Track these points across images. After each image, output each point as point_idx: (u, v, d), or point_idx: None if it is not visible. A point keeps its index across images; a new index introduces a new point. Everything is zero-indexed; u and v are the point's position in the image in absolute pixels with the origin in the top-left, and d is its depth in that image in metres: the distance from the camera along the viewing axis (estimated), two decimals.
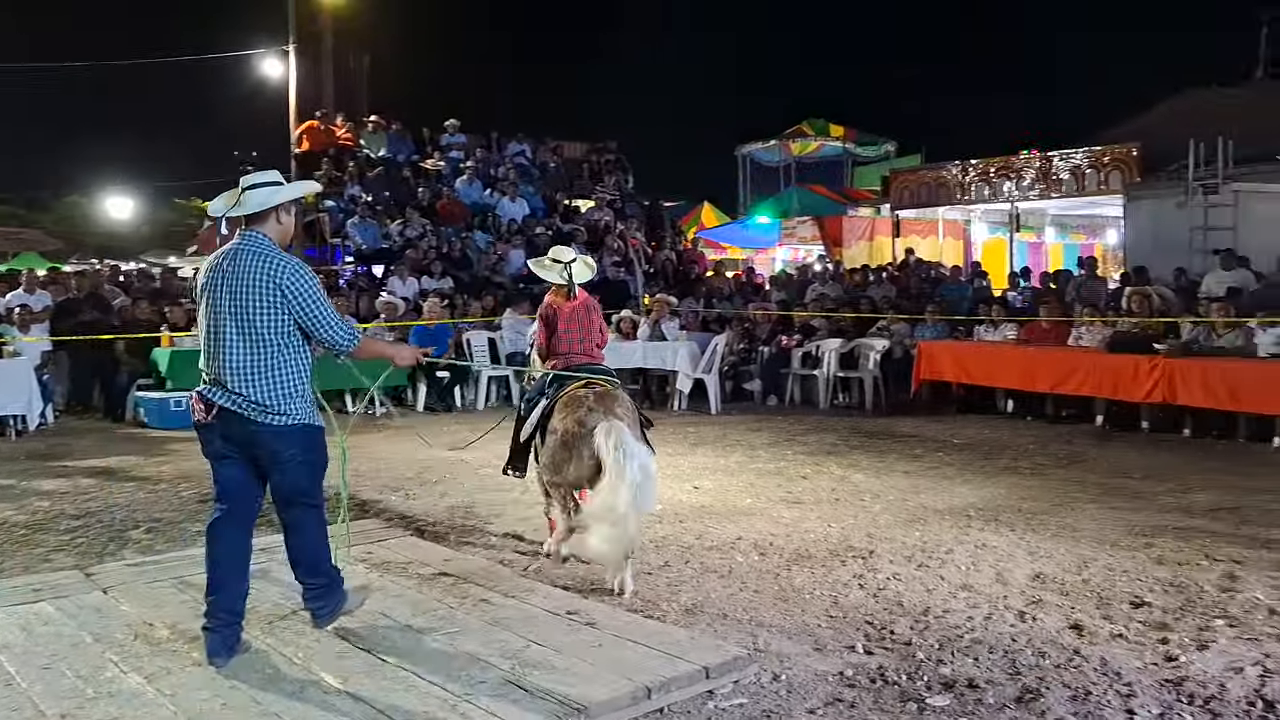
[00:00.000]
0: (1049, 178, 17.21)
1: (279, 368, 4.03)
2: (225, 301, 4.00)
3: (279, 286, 3.98)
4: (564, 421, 5.22)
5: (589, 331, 5.85)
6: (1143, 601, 4.91)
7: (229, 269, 4.03)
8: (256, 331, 3.99)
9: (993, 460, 8.69)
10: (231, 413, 4.00)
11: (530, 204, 18.25)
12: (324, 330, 4.08)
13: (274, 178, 4.26)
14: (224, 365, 4.01)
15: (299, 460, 4.09)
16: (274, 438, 4.03)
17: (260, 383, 4.00)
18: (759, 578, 5.35)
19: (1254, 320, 10.04)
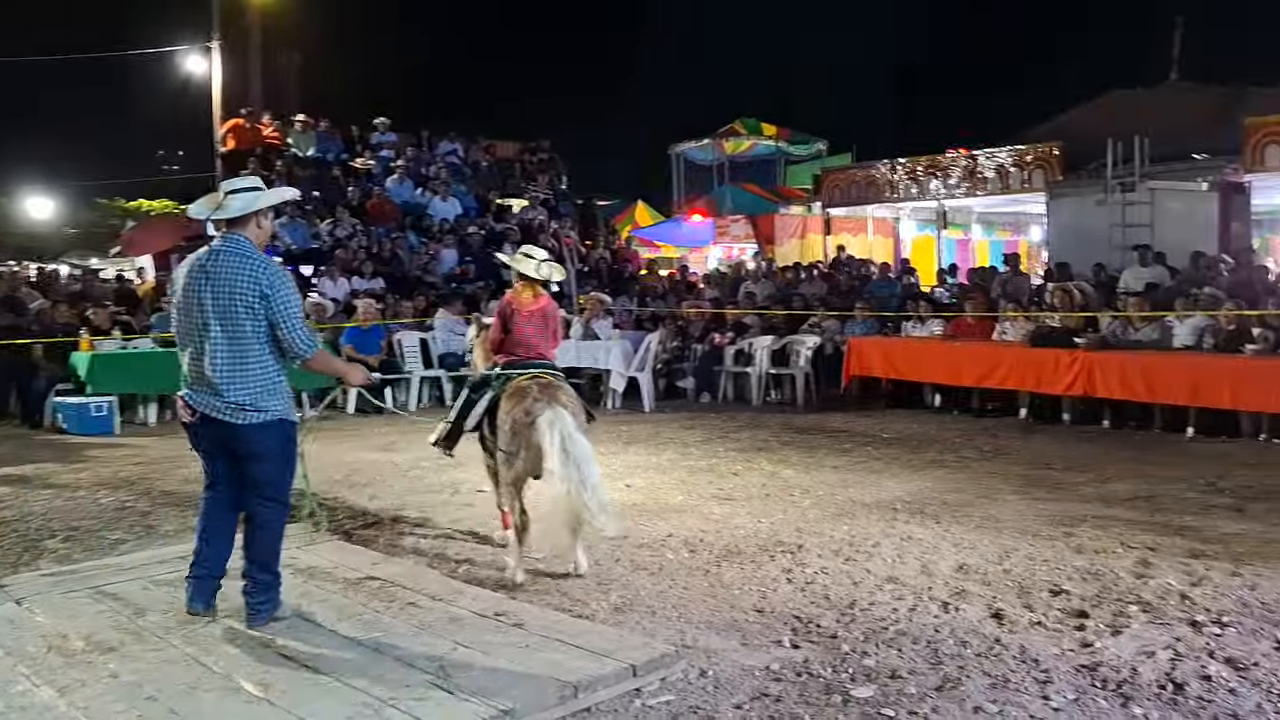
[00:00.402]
0: (975, 176, 17.56)
1: (258, 365, 4.23)
2: (209, 302, 4.18)
3: (260, 288, 4.17)
4: (512, 413, 5.33)
5: (544, 333, 5.93)
6: (1061, 589, 5.03)
7: (212, 270, 4.21)
8: (239, 330, 4.18)
9: (919, 454, 8.84)
10: (211, 417, 4.24)
11: (462, 203, 18.11)
12: (290, 333, 4.25)
13: (255, 183, 4.48)
14: (207, 364, 4.19)
15: (275, 454, 4.34)
16: (254, 433, 4.26)
17: (241, 382, 4.20)
18: (689, 574, 5.38)
19: (1169, 314, 10.35)
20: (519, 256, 6.10)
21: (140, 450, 9.64)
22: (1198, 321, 10.06)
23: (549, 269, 6.08)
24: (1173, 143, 15.34)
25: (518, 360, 5.75)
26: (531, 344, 5.84)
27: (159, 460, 9.06)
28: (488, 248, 16.97)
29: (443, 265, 16.21)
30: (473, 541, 6.11)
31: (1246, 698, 3.72)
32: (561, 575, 5.35)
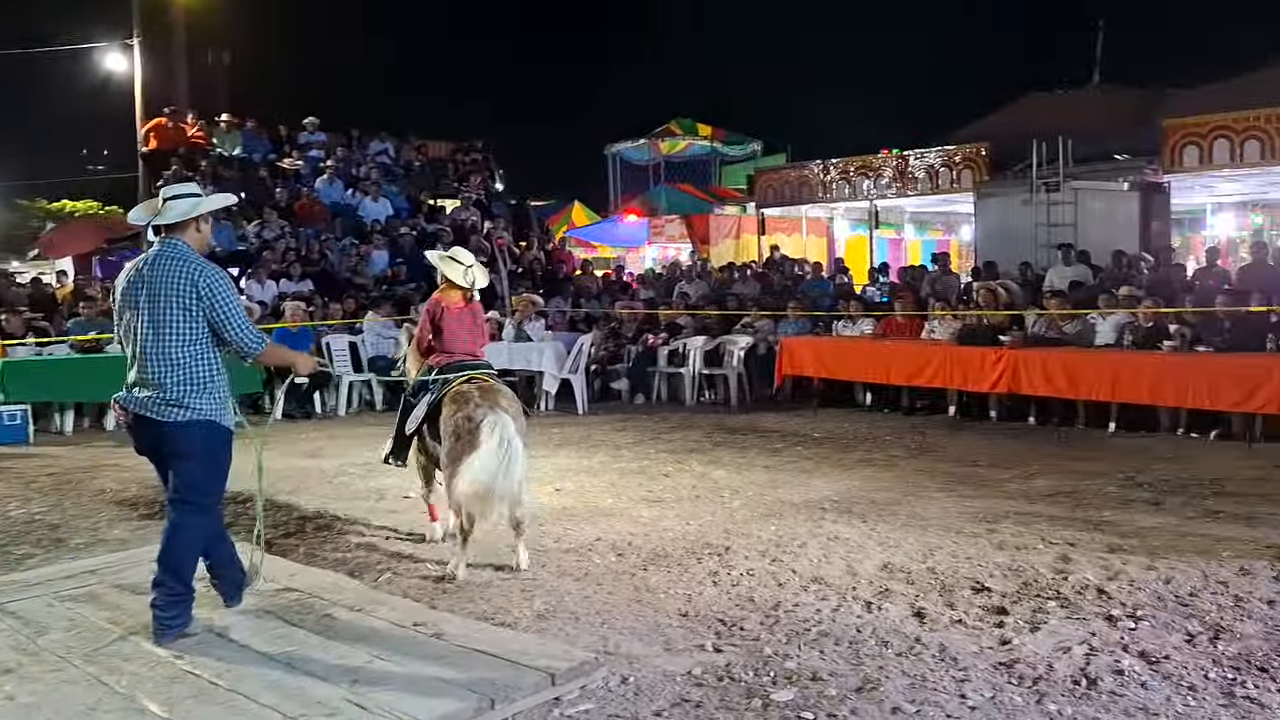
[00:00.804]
0: (905, 176, 17.77)
1: (189, 364, 4.27)
2: (144, 304, 4.26)
3: (198, 290, 4.24)
4: (454, 418, 5.41)
5: (474, 333, 6.04)
6: (983, 586, 5.08)
7: (149, 275, 4.29)
8: (171, 330, 4.24)
9: (849, 453, 8.90)
10: (141, 416, 4.28)
11: (394, 204, 17.87)
12: (236, 334, 4.35)
13: (194, 189, 4.63)
14: (141, 365, 4.27)
15: (200, 455, 4.32)
16: (178, 431, 4.27)
17: (172, 379, 4.24)
18: (615, 579, 5.33)
19: (1091, 312, 10.56)
20: (447, 259, 6.16)
21: (54, 460, 9.34)
22: (1118, 319, 10.26)
23: (475, 275, 6.10)
24: (1095, 144, 15.69)
25: (452, 361, 5.81)
26: (463, 344, 5.92)
27: (73, 470, 8.78)
28: (420, 249, 16.80)
29: (373, 267, 15.97)
30: (397, 549, 6.00)
31: (1157, 690, 3.78)
32: (485, 583, 5.28)
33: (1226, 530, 6.03)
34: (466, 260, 6.14)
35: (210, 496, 4.46)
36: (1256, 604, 4.71)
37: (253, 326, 4.49)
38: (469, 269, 6.07)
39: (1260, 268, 12.09)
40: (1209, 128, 14.10)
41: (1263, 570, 5.19)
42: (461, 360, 5.83)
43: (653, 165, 27.91)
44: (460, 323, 5.96)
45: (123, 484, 8.12)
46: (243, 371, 10.41)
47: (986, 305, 11.06)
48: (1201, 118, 14.28)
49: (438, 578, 5.36)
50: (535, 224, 20.22)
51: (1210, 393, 8.75)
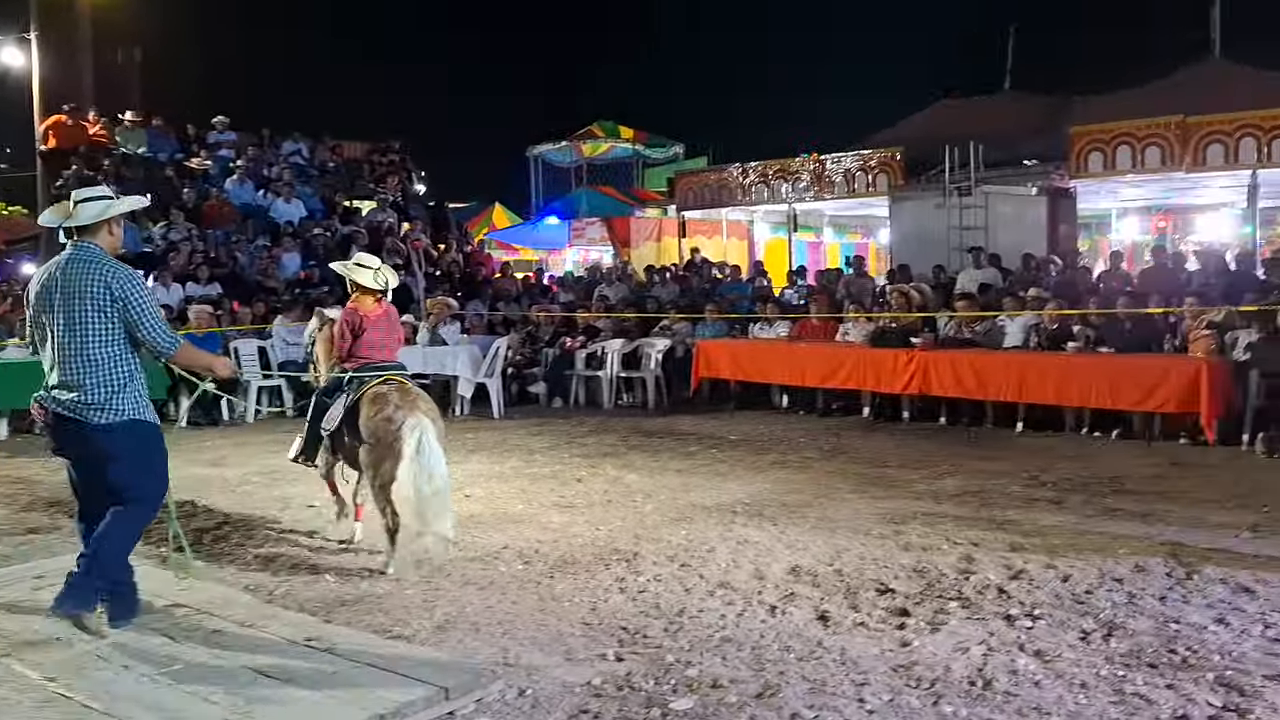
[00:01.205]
0: (823, 180, 17.94)
1: (108, 366, 4.31)
2: (59, 308, 4.30)
3: (111, 291, 4.28)
4: (374, 420, 5.55)
5: (391, 338, 6.16)
6: (888, 588, 5.10)
7: (61, 277, 4.33)
8: (88, 332, 4.29)
9: (763, 455, 8.92)
10: (63, 417, 4.32)
11: (307, 205, 17.47)
12: (150, 334, 4.37)
13: (106, 191, 4.67)
14: (60, 368, 4.32)
15: (128, 454, 4.35)
16: (102, 433, 4.30)
17: (92, 381, 4.29)
18: (520, 588, 5.24)
19: (999, 315, 10.75)
20: (354, 266, 6.22)
21: None
22: (1026, 321, 10.47)
23: (385, 276, 6.17)
24: (1005, 149, 16.02)
25: (370, 363, 5.93)
26: (380, 349, 6.02)
27: None
28: (334, 251, 16.46)
29: (285, 270, 15.60)
30: (297, 560, 5.82)
31: (1050, 689, 3.81)
32: (386, 593, 5.15)
33: (1124, 528, 6.16)
34: (373, 264, 6.21)
35: (142, 492, 4.45)
36: (1149, 600, 4.81)
37: (167, 327, 4.51)
38: (377, 271, 6.13)
39: (1159, 271, 12.46)
40: (1112, 134, 14.50)
41: (1157, 567, 5.30)
42: (377, 363, 5.95)
43: (574, 167, 27.83)
44: (378, 329, 6.05)
45: (13, 495, 7.78)
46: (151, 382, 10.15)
47: (899, 308, 11.21)
48: (1105, 125, 14.68)
49: (318, 605, 5.22)
50: (453, 226, 19.94)
51: (1112, 392, 8.98)
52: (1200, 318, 9.35)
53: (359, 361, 5.94)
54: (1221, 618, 4.53)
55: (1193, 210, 20.14)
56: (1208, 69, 17.62)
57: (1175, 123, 14.02)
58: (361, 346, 5.98)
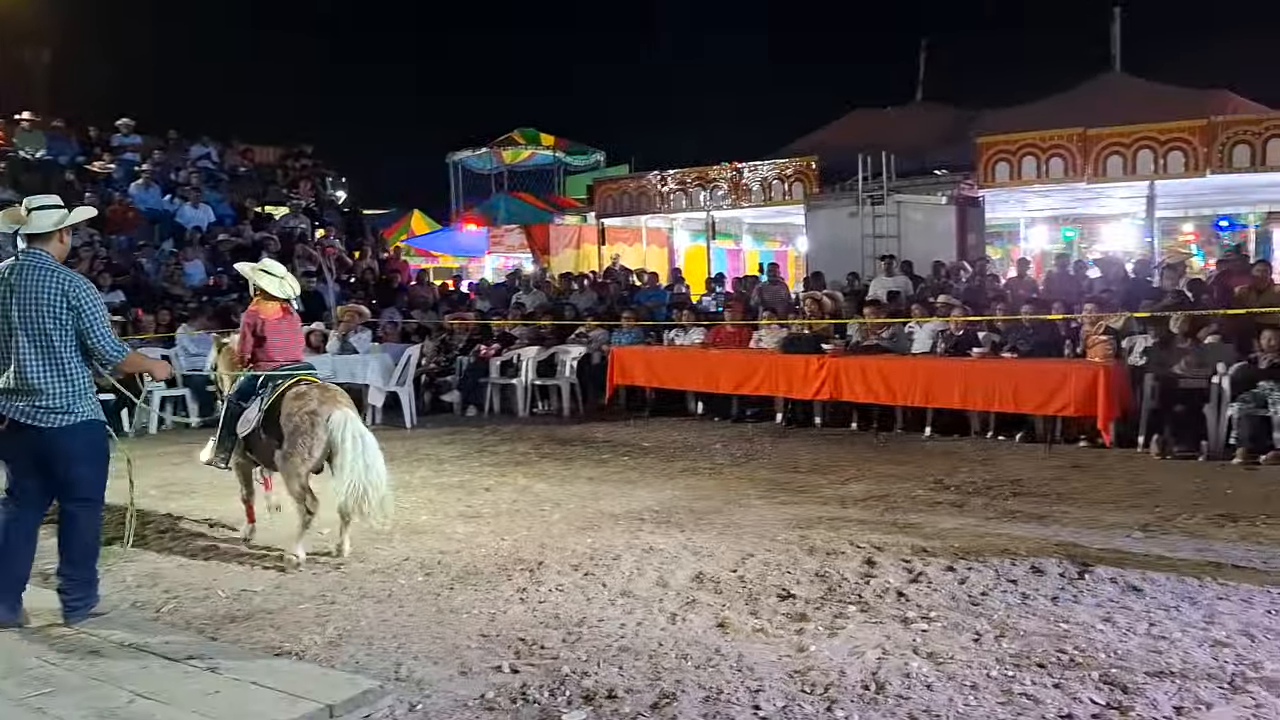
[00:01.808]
0: (740, 188, 18.06)
1: (67, 371, 4.48)
2: (14, 314, 4.42)
3: (67, 299, 4.44)
4: (297, 416, 5.74)
5: (296, 340, 6.37)
6: (789, 593, 5.11)
7: (17, 284, 4.44)
8: (48, 340, 4.43)
9: (674, 462, 8.92)
10: (21, 423, 4.44)
11: (216, 211, 17.04)
12: (99, 342, 4.56)
13: (57, 200, 4.73)
14: (17, 374, 4.42)
15: (86, 455, 4.58)
16: (63, 436, 4.49)
17: (53, 387, 4.45)
18: (418, 600, 5.14)
19: (907, 321, 10.92)
20: (259, 271, 6.38)
21: None
22: (933, 327, 10.65)
23: (289, 286, 6.39)
24: (916, 159, 16.33)
25: (278, 367, 6.10)
26: (286, 351, 6.22)
27: None
28: (243, 258, 16.08)
29: (191, 277, 15.17)
30: (188, 577, 5.62)
31: (941, 692, 3.85)
32: (280, 608, 5.01)
33: (1022, 530, 6.28)
34: (278, 272, 6.40)
35: (100, 490, 4.72)
36: (1042, 601, 4.89)
37: (115, 336, 4.70)
38: (283, 280, 6.33)
39: (1061, 278, 12.80)
40: (1018, 145, 14.85)
41: (1051, 568, 5.41)
42: (287, 365, 6.14)
43: (495, 174, 27.66)
44: (280, 332, 6.21)
45: None
46: None
47: (812, 314, 11.32)
48: (1011, 135, 15.04)
49: (206, 622, 5.06)
50: (369, 233, 19.64)
51: (1015, 397, 9.17)
52: (1099, 323, 9.60)
53: (268, 365, 6.10)
54: (1109, 616, 4.63)
55: (1097, 220, 20.78)
56: (1108, 82, 18.17)
57: (1076, 134, 14.42)
58: (267, 350, 6.13)
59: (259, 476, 6.55)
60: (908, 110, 19.92)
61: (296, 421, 5.72)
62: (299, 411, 5.74)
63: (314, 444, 5.71)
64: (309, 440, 5.71)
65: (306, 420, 5.70)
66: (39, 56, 26.49)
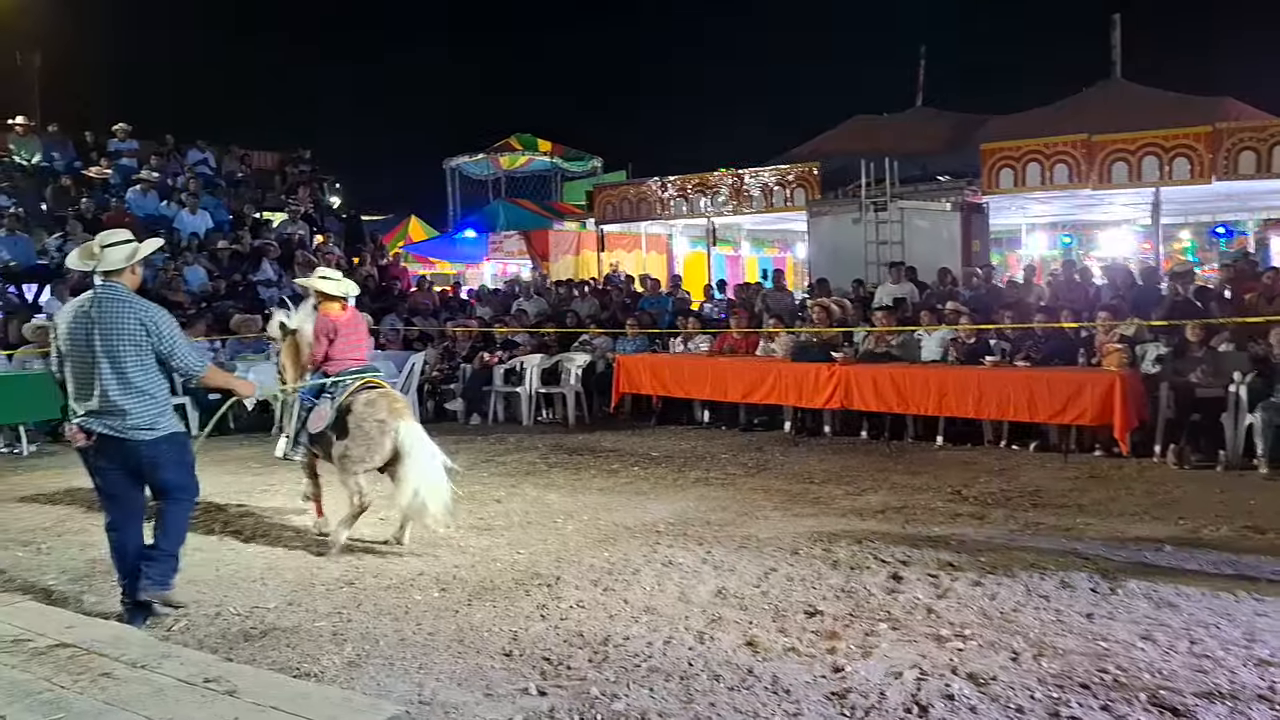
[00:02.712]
0: (741, 194, 17.97)
1: (148, 392, 4.88)
2: (97, 343, 4.80)
3: (145, 327, 4.84)
4: (367, 423, 6.18)
5: (363, 341, 6.78)
6: (816, 610, 4.99)
7: (96, 315, 4.83)
8: (126, 364, 4.81)
9: (686, 472, 8.78)
10: (109, 436, 4.84)
11: (214, 216, 16.86)
12: (182, 361, 4.99)
13: (127, 236, 5.12)
14: (102, 397, 4.80)
15: (169, 462, 4.98)
16: (146, 448, 4.88)
17: (136, 407, 4.84)
18: (436, 617, 5.00)
19: (916, 329, 10.81)
20: (317, 279, 6.78)
21: None
22: (943, 334, 10.54)
23: (347, 285, 6.83)
24: (919, 165, 16.25)
25: (347, 368, 6.47)
26: (355, 352, 6.60)
27: None
28: (241, 264, 15.93)
29: (190, 283, 14.99)
30: (199, 594, 5.47)
31: (986, 715, 3.73)
32: (294, 626, 4.87)
33: (1047, 542, 6.16)
34: (335, 275, 6.85)
35: (188, 490, 5.12)
36: (1076, 617, 4.78)
37: (195, 352, 5.16)
38: (340, 280, 6.77)
39: (1069, 284, 12.70)
40: (1022, 152, 14.78)
41: (1082, 583, 5.29)
42: (353, 367, 6.51)
43: (493, 180, 27.54)
44: (350, 334, 6.59)
45: None
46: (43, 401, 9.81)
47: (820, 322, 11.20)
48: (1015, 142, 14.97)
49: (219, 640, 4.91)
50: (368, 239, 19.48)
51: (1029, 406, 9.05)
52: (1113, 331, 9.50)
53: (337, 365, 6.48)
54: (1148, 634, 4.52)
55: (1095, 226, 20.74)
56: (1111, 89, 18.14)
57: (1081, 141, 14.36)
58: (337, 351, 6.49)
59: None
60: (909, 116, 19.86)
61: (366, 428, 6.16)
62: (369, 418, 6.18)
63: (378, 451, 6.17)
64: (375, 447, 6.16)
65: (375, 428, 6.14)
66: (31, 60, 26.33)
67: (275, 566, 5.96)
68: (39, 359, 11.61)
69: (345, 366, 6.49)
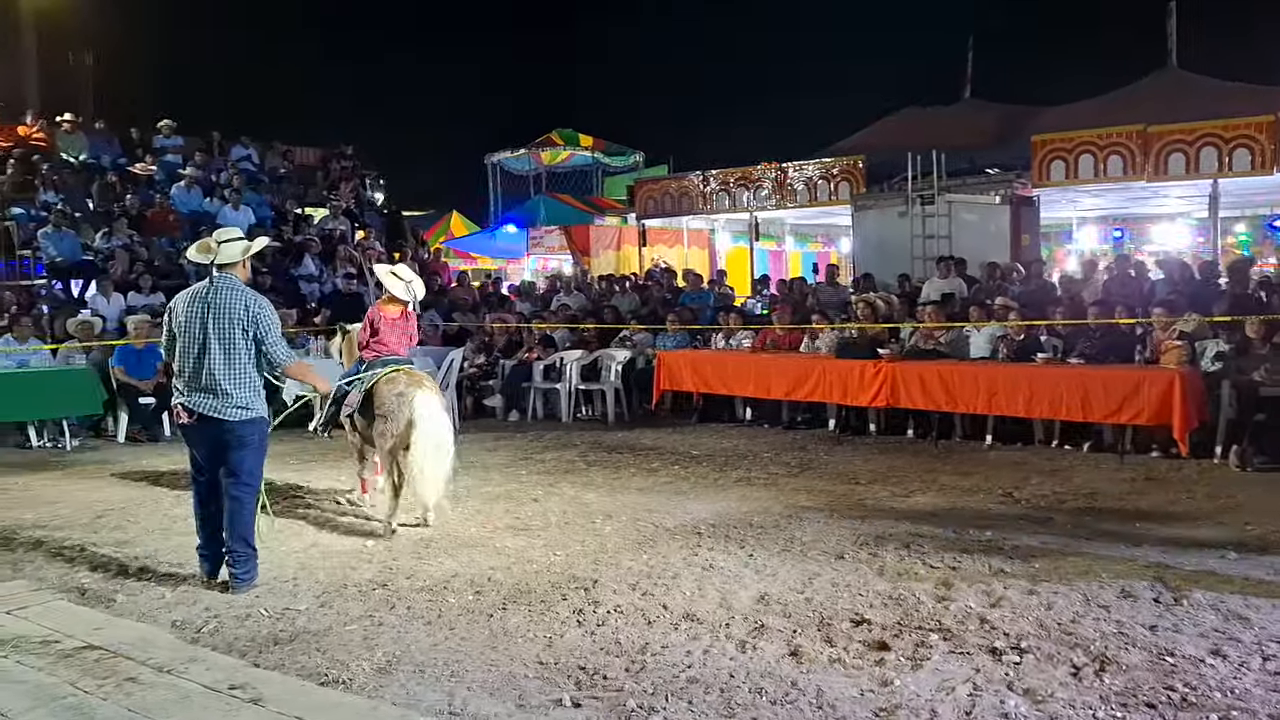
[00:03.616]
0: (784, 188, 17.69)
1: (248, 374, 5.40)
2: (210, 327, 5.32)
3: (249, 312, 5.36)
4: (387, 396, 6.60)
5: (403, 338, 7.11)
6: (863, 619, 4.78)
7: (212, 301, 5.36)
8: (235, 348, 5.35)
9: (727, 471, 8.59)
10: (208, 416, 5.34)
11: (257, 213, 16.90)
12: (272, 348, 5.46)
13: (239, 233, 5.72)
14: (209, 375, 5.32)
15: (255, 444, 5.48)
16: (242, 427, 5.38)
17: (239, 387, 5.35)
18: (470, 621, 4.86)
19: (965, 325, 10.52)
20: (390, 275, 7.22)
21: None
22: (992, 330, 10.24)
23: (415, 289, 7.21)
24: (967, 158, 15.88)
25: (379, 358, 6.91)
26: (391, 346, 7.00)
27: None
28: (283, 259, 15.96)
29: None
30: (228, 595, 5.38)
31: None
32: (324, 629, 4.76)
33: (1105, 549, 5.89)
34: (406, 277, 7.21)
35: (256, 477, 5.53)
36: (1139, 630, 4.53)
37: (286, 345, 5.63)
38: (410, 284, 7.14)
39: (1123, 279, 12.32)
40: (1075, 143, 14.37)
41: (1144, 592, 5.04)
42: (387, 357, 6.93)
43: (534, 175, 27.48)
44: (392, 332, 7.01)
45: None
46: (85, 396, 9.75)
47: (864, 318, 10.94)
48: (1068, 133, 14.55)
49: (248, 644, 4.81)
50: (409, 234, 19.47)
51: (1083, 405, 8.75)
52: (1171, 328, 9.16)
53: (374, 354, 6.95)
54: (1217, 649, 4.27)
55: (1148, 220, 20.21)
56: (1167, 79, 17.61)
57: (1136, 132, 13.91)
58: (377, 342, 6.95)
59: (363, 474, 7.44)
60: (956, 109, 19.44)
61: (388, 404, 6.57)
62: (390, 394, 6.58)
63: (399, 421, 6.51)
64: (396, 417, 6.52)
65: (394, 401, 6.53)
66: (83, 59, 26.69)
67: (308, 566, 5.86)
68: (83, 354, 11.69)
69: (380, 356, 6.93)
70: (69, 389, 10.84)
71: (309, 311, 14.52)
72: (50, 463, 9.83)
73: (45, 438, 10.92)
